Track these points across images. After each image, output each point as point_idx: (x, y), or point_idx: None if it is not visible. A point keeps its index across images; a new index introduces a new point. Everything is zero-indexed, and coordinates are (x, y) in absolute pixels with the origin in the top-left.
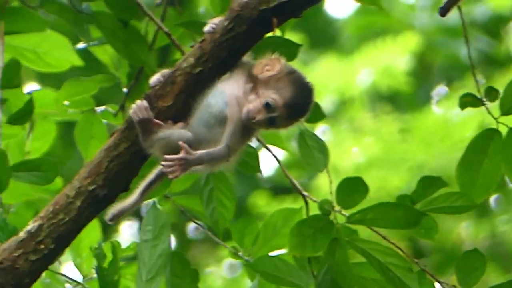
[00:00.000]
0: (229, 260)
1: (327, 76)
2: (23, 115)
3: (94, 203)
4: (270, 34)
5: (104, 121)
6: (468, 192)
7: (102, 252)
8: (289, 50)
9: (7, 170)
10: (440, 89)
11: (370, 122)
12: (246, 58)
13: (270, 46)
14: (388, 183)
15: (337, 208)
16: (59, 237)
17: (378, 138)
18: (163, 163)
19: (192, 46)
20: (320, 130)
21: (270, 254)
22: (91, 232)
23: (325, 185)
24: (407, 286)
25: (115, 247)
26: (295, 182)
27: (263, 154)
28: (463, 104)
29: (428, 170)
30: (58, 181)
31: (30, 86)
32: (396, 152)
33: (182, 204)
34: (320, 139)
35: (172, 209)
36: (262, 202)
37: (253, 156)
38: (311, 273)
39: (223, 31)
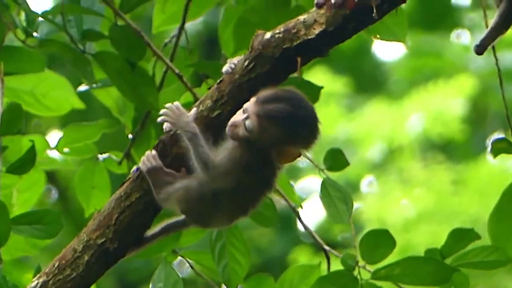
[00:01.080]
0: None
1: (374, 123)
2: (24, 163)
3: (104, 257)
4: (294, 74)
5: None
6: (502, 245)
7: None
8: (311, 92)
9: (8, 223)
10: (497, 137)
11: (421, 173)
12: None
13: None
14: (439, 238)
15: (361, 263)
16: None
17: (429, 190)
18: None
19: (209, 88)
20: (366, 181)
21: None
22: None
23: None
24: None
25: None
26: (315, 235)
27: (305, 207)
28: (496, 151)
29: (482, 224)
30: None
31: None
32: (448, 205)
33: (192, 260)
34: (344, 189)
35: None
36: (303, 259)
37: (269, 207)
38: None
39: (243, 71)
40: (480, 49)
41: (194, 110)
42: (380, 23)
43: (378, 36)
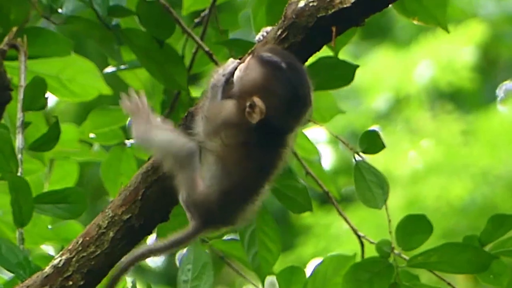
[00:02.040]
0: None
1: (380, 71)
2: (48, 141)
3: (129, 234)
4: (329, 44)
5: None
6: None
7: None
8: (345, 71)
9: (30, 201)
10: (507, 86)
11: (429, 123)
12: None
13: (323, 67)
14: (449, 191)
15: (397, 250)
16: (89, 272)
17: (438, 141)
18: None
19: (240, 58)
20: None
21: None
22: None
23: None
24: None
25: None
26: (349, 220)
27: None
28: None
29: (493, 177)
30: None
31: None
32: (458, 156)
33: (221, 249)
34: (379, 172)
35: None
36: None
37: (302, 193)
38: None
39: (276, 41)
40: None
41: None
42: (419, 4)
43: (416, 18)
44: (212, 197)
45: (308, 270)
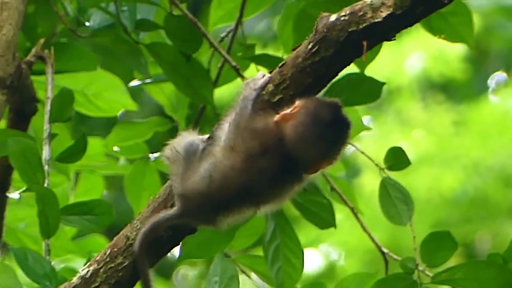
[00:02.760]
0: None
1: (372, 62)
2: (74, 153)
3: (157, 246)
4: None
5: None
6: None
7: None
8: (372, 88)
9: (57, 212)
10: (498, 76)
11: (420, 114)
12: None
13: (349, 83)
14: (440, 182)
15: (421, 266)
16: (117, 283)
17: (429, 132)
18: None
19: (271, 72)
20: (363, 122)
21: None
22: None
23: (369, 185)
24: None
25: None
26: (374, 237)
27: None
28: None
29: (485, 168)
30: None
31: None
32: (449, 147)
33: (244, 264)
34: (404, 189)
35: None
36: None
37: (326, 208)
38: None
39: (307, 55)
40: None
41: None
42: (445, 22)
43: (443, 36)
44: (199, 191)
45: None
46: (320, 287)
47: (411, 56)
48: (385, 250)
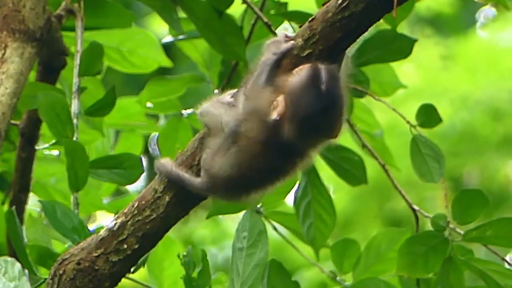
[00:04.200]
0: None
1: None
2: (103, 106)
3: (185, 199)
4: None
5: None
6: None
7: (192, 260)
8: (403, 45)
9: (86, 166)
10: (487, 10)
11: None
12: None
13: (381, 40)
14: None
15: (452, 224)
16: (144, 235)
17: (417, 66)
18: None
19: (300, 26)
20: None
21: None
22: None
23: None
24: None
25: (204, 254)
26: (405, 194)
27: None
28: None
29: (473, 102)
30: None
31: None
32: (437, 81)
33: (276, 220)
34: (436, 146)
35: None
36: None
37: (358, 165)
38: None
39: (336, 9)
40: None
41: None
42: None
43: None
44: (219, 174)
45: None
46: (350, 244)
47: None
48: (416, 207)
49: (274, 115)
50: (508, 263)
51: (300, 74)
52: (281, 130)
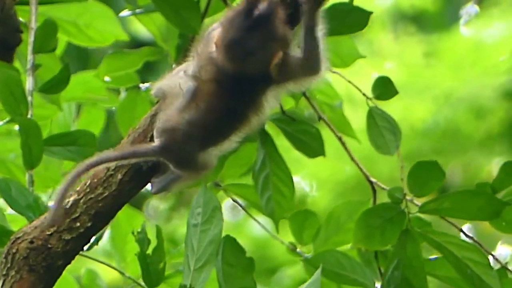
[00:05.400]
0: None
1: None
2: (58, 83)
3: (137, 176)
4: None
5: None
6: None
7: (146, 237)
8: (358, 18)
9: (40, 143)
10: (470, 7)
11: (392, 45)
12: None
13: (336, 12)
14: (411, 113)
15: (409, 196)
16: (97, 213)
17: (400, 63)
18: None
19: None
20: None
21: None
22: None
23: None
24: (487, 285)
25: (159, 231)
26: (362, 166)
27: None
28: None
29: (456, 99)
30: None
31: None
32: (420, 78)
33: (235, 193)
34: (392, 119)
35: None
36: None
37: (315, 137)
38: (378, 270)
39: None
40: None
41: None
42: None
43: None
44: (179, 125)
45: None
46: (310, 216)
47: None
48: (373, 180)
49: (213, 47)
50: (466, 235)
51: (237, 5)
52: (218, 58)
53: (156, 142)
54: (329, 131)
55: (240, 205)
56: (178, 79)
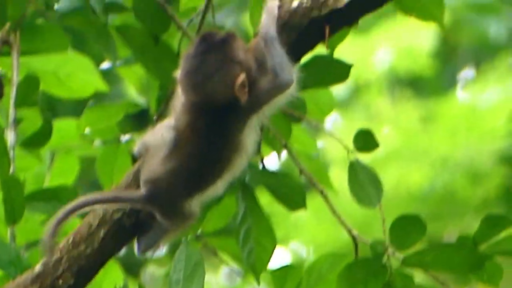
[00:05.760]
0: None
1: (339, 57)
2: (40, 138)
3: (120, 233)
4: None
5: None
6: None
7: None
8: (340, 70)
9: (21, 199)
10: (467, 72)
11: (388, 110)
12: None
13: (317, 65)
14: (408, 178)
15: (390, 249)
16: (80, 270)
17: (397, 128)
18: None
19: None
20: (331, 118)
21: None
22: (111, 273)
23: (337, 180)
24: None
25: (142, 286)
26: (344, 220)
27: None
28: None
29: (453, 164)
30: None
31: None
32: (417, 143)
33: (216, 245)
34: (373, 171)
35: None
36: (264, 201)
37: (298, 190)
38: None
39: None
40: None
41: None
42: (416, 1)
43: (413, 15)
44: (162, 175)
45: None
46: (291, 269)
47: (379, 51)
48: (355, 233)
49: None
50: None
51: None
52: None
53: (142, 191)
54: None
55: (221, 258)
56: (160, 131)
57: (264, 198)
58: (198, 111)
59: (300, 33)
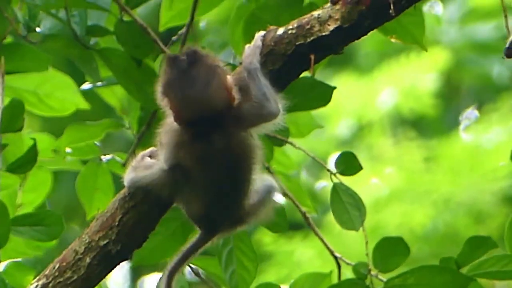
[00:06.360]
0: None
1: (343, 98)
2: (25, 162)
3: (106, 260)
4: (307, 72)
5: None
6: None
7: None
8: (323, 92)
9: (7, 224)
10: (470, 113)
11: (391, 150)
12: None
13: (300, 88)
14: (411, 218)
15: (373, 271)
16: None
17: (400, 168)
18: None
19: None
20: (334, 158)
21: None
22: None
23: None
24: None
25: None
26: (327, 242)
27: None
28: None
29: (455, 204)
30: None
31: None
32: (420, 183)
33: (198, 266)
34: (356, 194)
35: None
36: (268, 240)
37: (280, 212)
38: None
39: None
40: (509, 52)
41: None
42: (397, 23)
43: (394, 37)
44: (199, 207)
45: None
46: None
47: (382, 92)
48: (338, 255)
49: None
50: None
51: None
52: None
53: (200, 232)
54: None
55: (203, 279)
56: (156, 174)
57: (267, 238)
58: (196, 135)
59: (285, 61)
